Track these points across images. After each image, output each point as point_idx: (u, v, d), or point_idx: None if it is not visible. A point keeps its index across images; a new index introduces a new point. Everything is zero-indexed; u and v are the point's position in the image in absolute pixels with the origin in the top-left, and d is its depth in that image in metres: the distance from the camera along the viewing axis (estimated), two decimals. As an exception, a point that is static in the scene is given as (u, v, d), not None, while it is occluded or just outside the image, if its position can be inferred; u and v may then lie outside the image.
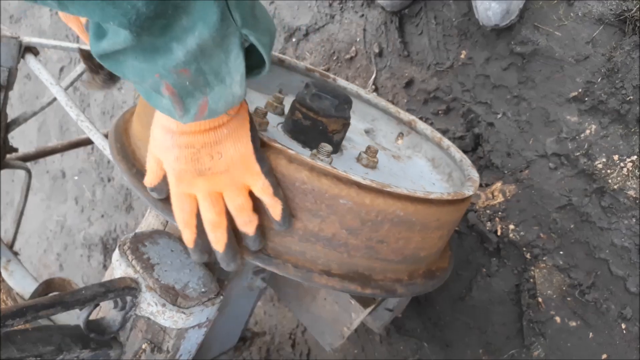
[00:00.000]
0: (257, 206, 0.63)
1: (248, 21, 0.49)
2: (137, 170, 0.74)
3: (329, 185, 0.64)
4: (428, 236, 0.75)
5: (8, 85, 1.19)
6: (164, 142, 0.59)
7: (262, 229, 0.65)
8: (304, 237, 0.67)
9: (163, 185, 0.64)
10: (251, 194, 0.63)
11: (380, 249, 0.70)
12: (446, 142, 1.02)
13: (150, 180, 0.66)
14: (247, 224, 0.63)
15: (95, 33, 0.49)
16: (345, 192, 0.64)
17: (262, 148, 0.63)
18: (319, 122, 0.83)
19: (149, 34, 0.46)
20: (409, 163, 1.03)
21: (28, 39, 1.21)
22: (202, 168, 0.59)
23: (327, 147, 0.77)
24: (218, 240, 0.63)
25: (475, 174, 0.90)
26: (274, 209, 0.63)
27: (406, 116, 1.10)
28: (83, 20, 0.74)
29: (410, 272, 0.77)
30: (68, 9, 0.44)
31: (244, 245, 0.66)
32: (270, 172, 0.62)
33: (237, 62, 0.50)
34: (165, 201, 0.67)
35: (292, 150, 0.64)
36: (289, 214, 0.64)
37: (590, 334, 1.13)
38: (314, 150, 0.77)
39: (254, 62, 0.54)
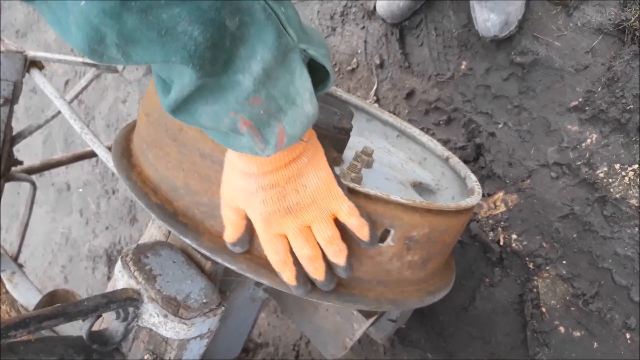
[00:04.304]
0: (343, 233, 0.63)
1: (302, 36, 0.49)
2: (139, 184, 0.75)
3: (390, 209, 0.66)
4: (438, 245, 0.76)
5: (13, 99, 1.21)
6: (248, 188, 0.59)
7: (351, 257, 0.65)
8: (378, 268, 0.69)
9: (246, 237, 0.64)
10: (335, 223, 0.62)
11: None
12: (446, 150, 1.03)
13: (232, 234, 0.64)
14: (338, 254, 0.63)
15: (162, 90, 0.50)
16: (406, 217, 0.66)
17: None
18: (323, 135, 0.84)
19: (212, 72, 0.46)
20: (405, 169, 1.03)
21: (33, 53, 1.22)
22: (289, 205, 0.59)
23: (358, 165, 0.78)
24: (317, 271, 0.63)
25: (477, 184, 0.90)
26: (362, 230, 0.62)
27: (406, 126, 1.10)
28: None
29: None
30: (132, 58, 0.44)
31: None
32: (350, 194, 0.62)
33: (302, 79, 0.50)
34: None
35: (370, 190, 0.65)
36: (375, 231, 0.63)
37: (595, 344, 1.12)
38: (346, 169, 0.79)
39: (316, 77, 0.53)
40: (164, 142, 0.72)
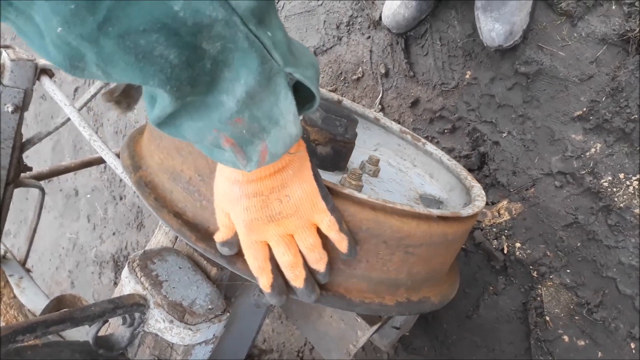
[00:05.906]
0: (324, 241, 0.65)
1: (288, 59, 0.50)
2: (148, 187, 0.76)
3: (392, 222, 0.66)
4: (436, 253, 0.76)
5: (24, 106, 1.22)
6: (231, 194, 0.60)
7: (331, 264, 0.67)
8: (367, 275, 0.69)
9: (235, 239, 0.65)
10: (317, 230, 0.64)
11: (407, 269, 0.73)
12: (448, 157, 1.04)
13: (223, 235, 0.66)
14: (319, 261, 0.65)
15: (149, 102, 0.52)
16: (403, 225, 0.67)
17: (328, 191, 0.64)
18: (334, 143, 0.85)
19: (195, 93, 0.48)
20: (410, 176, 1.04)
21: (44, 61, 1.24)
22: (272, 214, 0.60)
23: (358, 171, 0.79)
24: (297, 277, 0.65)
25: (481, 192, 0.91)
26: (341, 243, 0.65)
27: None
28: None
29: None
30: (112, 77, 0.46)
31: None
32: (335, 208, 0.63)
33: (287, 102, 0.51)
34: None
35: (361, 195, 0.66)
36: (354, 245, 0.66)
37: (599, 353, 1.12)
38: (345, 176, 0.79)
39: (303, 97, 0.54)
40: (172, 152, 0.74)
